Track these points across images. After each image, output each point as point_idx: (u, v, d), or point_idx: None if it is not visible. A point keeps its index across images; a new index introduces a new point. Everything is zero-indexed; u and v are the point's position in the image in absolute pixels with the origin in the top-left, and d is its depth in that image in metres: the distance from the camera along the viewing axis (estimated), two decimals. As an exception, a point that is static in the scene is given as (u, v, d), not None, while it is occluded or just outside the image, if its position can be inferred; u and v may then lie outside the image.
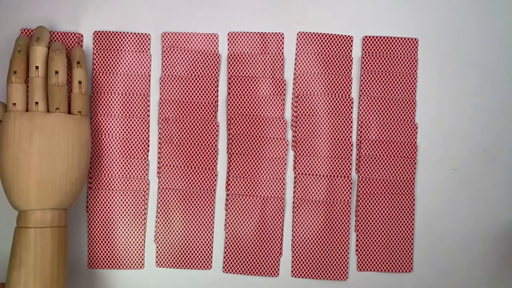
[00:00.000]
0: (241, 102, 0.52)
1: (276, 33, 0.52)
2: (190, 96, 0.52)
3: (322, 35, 0.52)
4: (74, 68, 0.47)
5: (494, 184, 0.53)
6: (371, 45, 0.52)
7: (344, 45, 0.52)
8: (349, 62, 0.53)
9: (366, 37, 0.52)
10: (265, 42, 0.52)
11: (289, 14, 0.53)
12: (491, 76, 0.53)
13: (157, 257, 0.51)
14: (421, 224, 0.53)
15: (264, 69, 0.52)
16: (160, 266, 0.51)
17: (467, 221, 0.53)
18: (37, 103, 0.45)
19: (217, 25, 0.52)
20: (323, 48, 0.52)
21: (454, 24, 0.53)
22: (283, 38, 0.52)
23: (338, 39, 0.52)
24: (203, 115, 0.52)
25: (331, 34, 0.52)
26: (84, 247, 0.51)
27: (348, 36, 0.52)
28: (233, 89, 0.52)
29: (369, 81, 0.52)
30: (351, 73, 0.53)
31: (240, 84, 0.52)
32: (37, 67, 0.45)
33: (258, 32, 0.52)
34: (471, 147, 0.53)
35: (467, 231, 0.53)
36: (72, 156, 0.45)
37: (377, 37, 0.52)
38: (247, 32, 0.52)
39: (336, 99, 0.52)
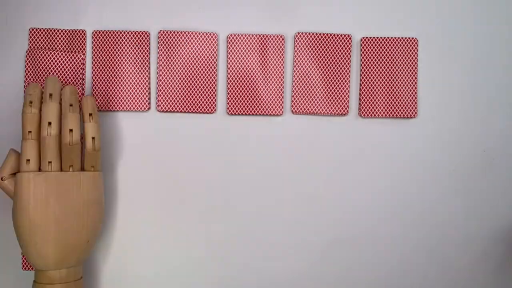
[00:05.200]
0: (240, 102, 0.52)
1: (276, 35, 0.52)
2: (188, 95, 0.52)
3: (320, 35, 0.52)
4: (86, 122, 0.45)
5: (494, 184, 0.53)
6: (371, 44, 0.52)
7: (343, 44, 0.52)
8: (348, 61, 0.52)
9: (365, 37, 0.52)
10: (264, 44, 0.52)
11: (289, 14, 0.53)
12: (491, 77, 0.53)
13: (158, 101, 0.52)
14: (421, 224, 0.53)
15: (264, 69, 0.52)
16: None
17: (467, 221, 0.53)
18: (50, 162, 0.44)
19: (216, 25, 0.52)
20: (321, 48, 0.52)
21: (454, 23, 0.53)
22: (283, 39, 0.52)
23: (336, 39, 0.52)
24: (201, 112, 0.52)
25: (330, 34, 0.52)
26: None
27: (347, 34, 0.52)
28: (232, 88, 0.52)
29: (369, 81, 0.52)
30: (349, 72, 0.53)
31: (239, 84, 0.52)
32: (49, 124, 0.43)
33: (258, 34, 0.52)
34: (471, 147, 0.53)
35: (467, 231, 0.53)
36: (87, 214, 0.45)
37: (377, 37, 0.52)
38: (247, 34, 0.52)
39: (336, 98, 0.52)
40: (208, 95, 0.52)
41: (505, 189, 0.53)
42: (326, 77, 0.52)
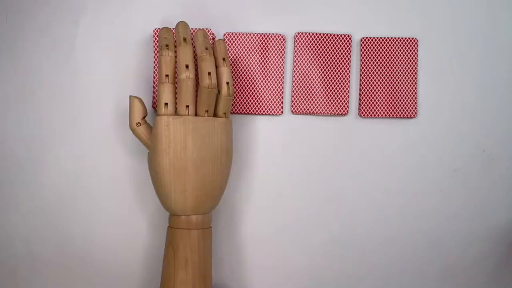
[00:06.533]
0: (240, 101, 0.52)
1: (276, 34, 0.52)
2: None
3: (320, 35, 0.52)
4: (220, 67, 0.45)
5: (494, 184, 0.53)
6: (370, 45, 0.52)
7: (343, 44, 0.52)
8: (348, 61, 0.52)
9: (365, 37, 0.52)
10: (265, 43, 0.52)
11: (289, 13, 0.53)
12: (491, 77, 0.53)
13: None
14: (421, 223, 0.53)
15: (264, 69, 0.52)
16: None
17: (467, 221, 0.53)
18: (187, 106, 0.44)
19: (216, 25, 0.52)
20: (321, 48, 0.52)
21: (454, 24, 0.53)
22: (283, 39, 0.52)
23: (336, 39, 0.52)
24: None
25: (330, 34, 0.52)
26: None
27: (347, 35, 0.52)
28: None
29: (369, 80, 0.52)
30: (349, 72, 0.52)
31: (239, 83, 0.52)
32: (187, 67, 0.43)
33: (259, 34, 0.52)
34: (471, 147, 0.53)
35: (467, 231, 0.53)
36: (220, 161, 0.45)
37: (377, 38, 0.52)
38: (247, 33, 0.52)
39: (335, 98, 0.52)
40: None
41: (505, 189, 0.53)
42: (326, 77, 0.52)
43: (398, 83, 0.52)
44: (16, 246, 0.51)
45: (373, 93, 0.52)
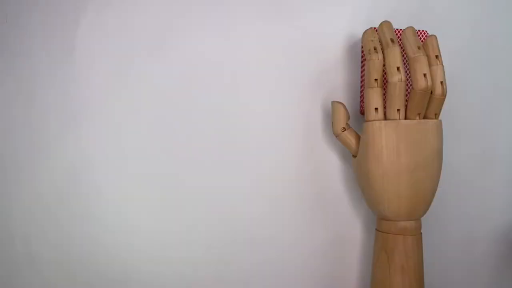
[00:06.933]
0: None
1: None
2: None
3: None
4: (433, 65, 0.42)
5: (494, 184, 0.53)
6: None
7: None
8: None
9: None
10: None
11: (290, 14, 0.52)
12: (491, 78, 0.53)
13: None
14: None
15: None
16: None
17: (466, 221, 0.53)
18: (399, 110, 0.43)
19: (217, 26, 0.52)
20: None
21: (456, 26, 0.53)
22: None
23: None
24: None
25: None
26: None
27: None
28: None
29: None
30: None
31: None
32: (398, 69, 0.41)
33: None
34: (471, 147, 0.53)
35: (467, 231, 0.53)
36: (433, 165, 0.43)
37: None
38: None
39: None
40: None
41: (504, 190, 0.53)
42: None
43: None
44: (16, 246, 0.51)
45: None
